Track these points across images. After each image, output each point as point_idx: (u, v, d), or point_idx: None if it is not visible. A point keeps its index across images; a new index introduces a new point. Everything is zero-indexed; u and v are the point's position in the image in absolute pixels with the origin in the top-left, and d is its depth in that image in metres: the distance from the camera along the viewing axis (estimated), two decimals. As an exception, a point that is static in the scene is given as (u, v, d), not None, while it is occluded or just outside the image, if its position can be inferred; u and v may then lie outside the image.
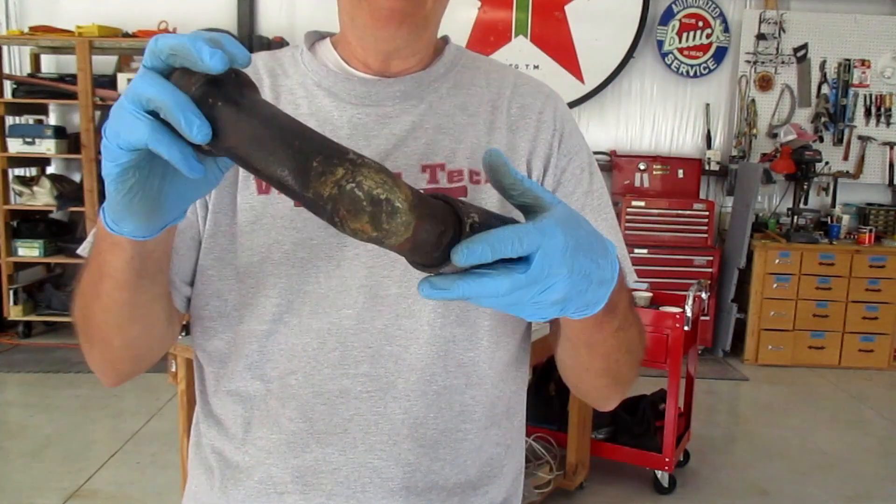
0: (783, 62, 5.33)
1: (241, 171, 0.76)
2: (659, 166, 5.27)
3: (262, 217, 0.75)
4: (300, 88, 0.81)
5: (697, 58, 5.37)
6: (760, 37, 5.30)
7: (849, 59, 5.31)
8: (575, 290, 0.53)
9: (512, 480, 0.86)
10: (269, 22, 5.31)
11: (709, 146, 5.46)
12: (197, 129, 0.48)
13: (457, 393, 0.76)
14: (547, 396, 3.19)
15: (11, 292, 4.87)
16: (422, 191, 0.51)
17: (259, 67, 0.83)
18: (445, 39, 0.89)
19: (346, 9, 0.77)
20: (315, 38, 0.86)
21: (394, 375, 0.75)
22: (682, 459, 3.36)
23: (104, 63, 5.02)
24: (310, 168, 0.47)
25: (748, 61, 5.34)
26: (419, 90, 0.82)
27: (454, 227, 0.50)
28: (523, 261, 0.50)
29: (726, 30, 5.34)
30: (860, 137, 5.38)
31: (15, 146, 4.80)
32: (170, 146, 0.49)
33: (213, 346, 0.81)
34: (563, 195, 0.81)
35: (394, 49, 0.79)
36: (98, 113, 4.84)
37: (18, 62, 5.29)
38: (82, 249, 0.76)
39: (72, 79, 4.73)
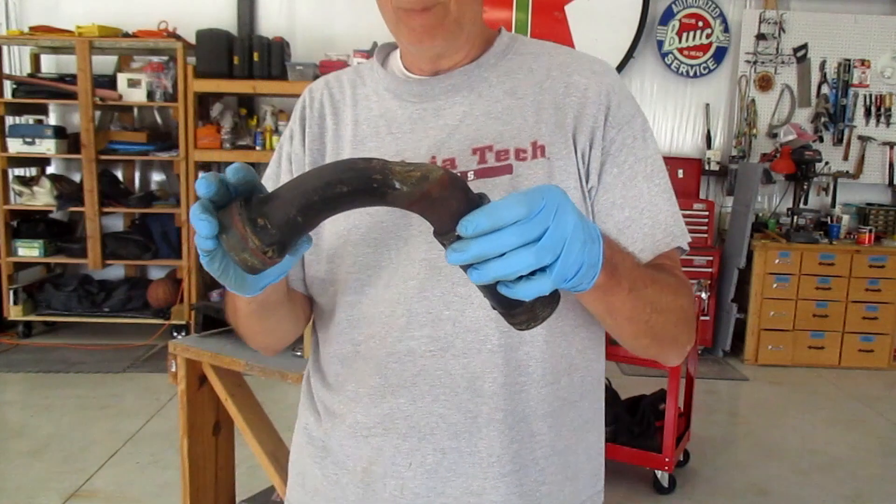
0: (783, 62, 5.33)
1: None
2: (659, 166, 5.27)
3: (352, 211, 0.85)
4: (373, 94, 0.95)
5: (697, 58, 5.37)
6: (760, 37, 5.30)
7: (849, 59, 5.32)
8: (575, 239, 0.61)
9: (573, 431, 0.93)
10: (269, 22, 5.31)
11: (709, 146, 5.46)
12: (202, 242, 0.63)
13: (510, 350, 0.84)
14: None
15: (11, 292, 4.87)
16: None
17: (343, 81, 0.98)
18: (499, 31, 0.97)
19: (391, 29, 0.89)
20: (388, 49, 0.99)
21: (452, 336, 0.85)
22: (682, 459, 3.37)
23: (104, 63, 5.02)
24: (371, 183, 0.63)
25: (748, 61, 5.34)
26: (468, 81, 0.91)
27: (468, 203, 0.62)
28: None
29: (726, 30, 5.34)
30: (860, 137, 5.38)
31: (15, 146, 4.80)
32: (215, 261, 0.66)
33: (319, 317, 0.96)
34: (613, 164, 0.88)
35: (436, 55, 0.90)
36: (98, 113, 4.84)
37: (18, 62, 5.30)
38: None
39: (72, 79, 4.73)
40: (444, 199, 0.61)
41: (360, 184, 0.62)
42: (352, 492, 0.90)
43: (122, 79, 4.81)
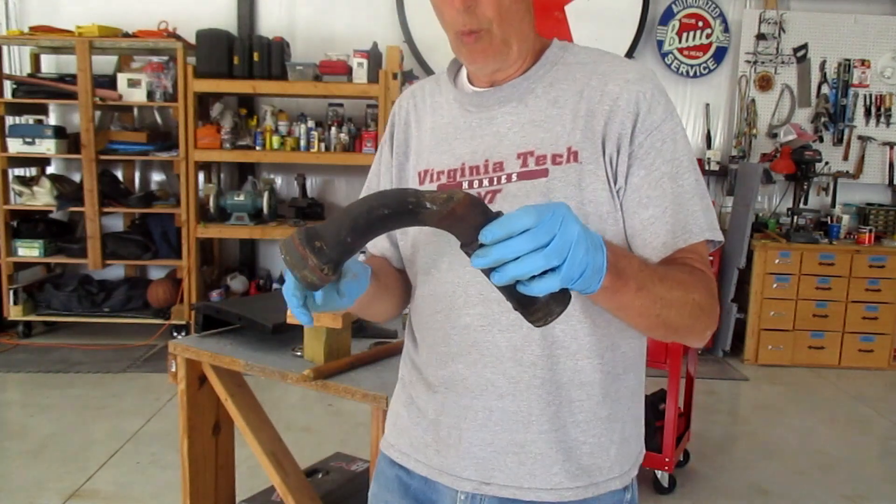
0: (783, 62, 5.33)
1: (405, 180, 1.14)
2: (659, 166, 5.27)
3: None
4: (445, 103, 1.12)
5: (697, 58, 5.37)
6: (760, 37, 5.30)
7: (849, 59, 5.32)
8: (579, 246, 0.75)
9: (617, 400, 1.06)
10: (269, 22, 5.31)
11: (709, 146, 5.46)
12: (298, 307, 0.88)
13: (548, 327, 0.90)
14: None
15: (11, 292, 4.87)
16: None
17: (426, 91, 1.17)
18: (549, 44, 1.09)
19: (454, 50, 1.06)
20: (458, 64, 1.15)
21: (498, 314, 1.00)
22: (682, 459, 3.37)
23: (104, 63, 5.02)
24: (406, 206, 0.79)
25: (748, 61, 5.34)
26: (517, 93, 1.04)
27: (486, 218, 0.75)
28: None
29: (726, 30, 5.34)
30: (860, 137, 5.38)
31: (15, 146, 4.80)
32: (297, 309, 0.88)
33: (414, 294, 1.14)
34: (640, 166, 0.98)
35: (491, 71, 1.05)
36: (98, 113, 4.84)
37: (18, 62, 5.30)
38: None
39: (72, 79, 4.73)
40: (466, 215, 0.75)
41: (398, 206, 0.77)
42: (427, 435, 1.10)
43: (122, 79, 4.81)
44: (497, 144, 1.03)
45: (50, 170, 5.28)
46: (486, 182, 1.03)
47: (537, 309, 0.76)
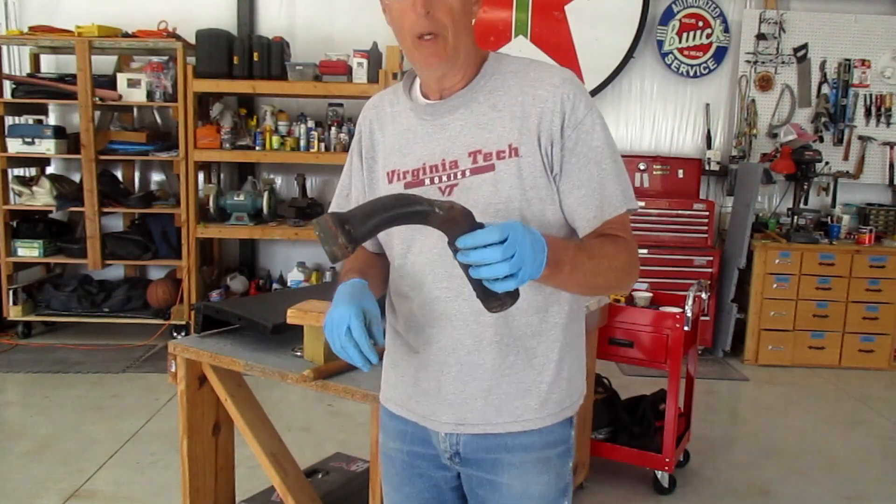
0: (783, 62, 5.33)
1: (375, 179, 1.34)
2: (659, 166, 5.27)
3: None
4: (403, 112, 1.31)
5: (697, 58, 5.37)
6: (760, 37, 5.30)
7: (849, 59, 5.31)
8: (537, 253, 1.00)
9: (565, 345, 1.29)
10: (269, 22, 5.31)
11: (709, 146, 5.46)
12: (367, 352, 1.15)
13: None
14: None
15: (11, 292, 4.87)
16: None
17: (385, 101, 1.35)
18: (486, 56, 1.26)
19: (408, 57, 1.23)
20: (412, 77, 1.33)
21: (461, 287, 1.18)
22: (682, 459, 3.36)
23: (104, 63, 5.02)
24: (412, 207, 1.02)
25: (748, 61, 5.34)
26: (464, 102, 1.24)
27: (471, 226, 0.99)
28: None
29: (726, 30, 5.34)
30: (860, 137, 5.38)
31: (14, 146, 4.80)
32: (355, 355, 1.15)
33: (392, 271, 1.35)
34: (571, 155, 1.19)
35: (440, 76, 1.23)
36: (98, 113, 4.84)
37: (18, 62, 5.29)
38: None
39: (71, 79, 4.73)
40: (460, 222, 0.98)
41: (413, 208, 1.00)
42: (410, 388, 1.33)
43: (121, 79, 4.81)
44: (451, 146, 1.23)
45: (50, 170, 5.28)
46: (444, 178, 1.23)
47: (496, 300, 1.01)
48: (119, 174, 5.26)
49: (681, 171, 5.27)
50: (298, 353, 1.90)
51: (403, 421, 1.36)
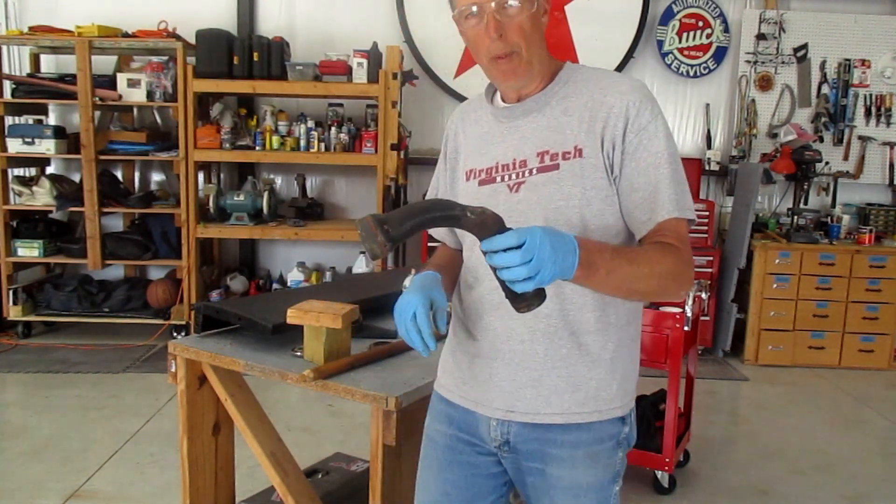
0: (783, 62, 5.33)
1: (456, 179, 1.45)
2: (659, 166, 5.26)
3: (465, 194, 1.39)
4: (484, 116, 1.42)
5: (697, 58, 5.37)
6: (760, 37, 5.30)
7: (849, 59, 5.32)
8: (558, 254, 1.03)
9: (619, 346, 1.34)
10: (268, 22, 5.31)
11: (709, 146, 5.46)
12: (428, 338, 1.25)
13: (559, 287, 1.27)
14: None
15: (11, 292, 4.87)
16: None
17: (471, 107, 1.47)
18: (562, 65, 1.36)
19: (486, 73, 1.33)
20: (493, 88, 1.42)
21: None
22: (682, 459, 3.36)
23: (104, 63, 5.02)
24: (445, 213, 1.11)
25: (748, 61, 5.34)
26: (538, 105, 1.33)
27: (499, 230, 1.07)
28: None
29: (726, 30, 5.34)
30: (860, 137, 5.38)
31: (14, 146, 4.80)
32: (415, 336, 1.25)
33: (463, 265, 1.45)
34: (631, 159, 1.25)
35: (518, 87, 1.34)
36: (98, 113, 4.84)
37: (18, 62, 5.29)
38: None
39: (71, 79, 4.73)
40: (489, 226, 1.06)
41: (447, 212, 1.09)
42: (466, 374, 1.41)
43: (121, 79, 4.81)
44: (522, 146, 1.32)
45: (49, 170, 5.28)
46: (513, 176, 1.31)
47: (522, 300, 1.07)
48: (119, 174, 5.26)
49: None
50: (298, 353, 1.90)
51: (453, 406, 1.43)
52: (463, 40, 1.33)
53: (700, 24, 5.33)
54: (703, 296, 3.24)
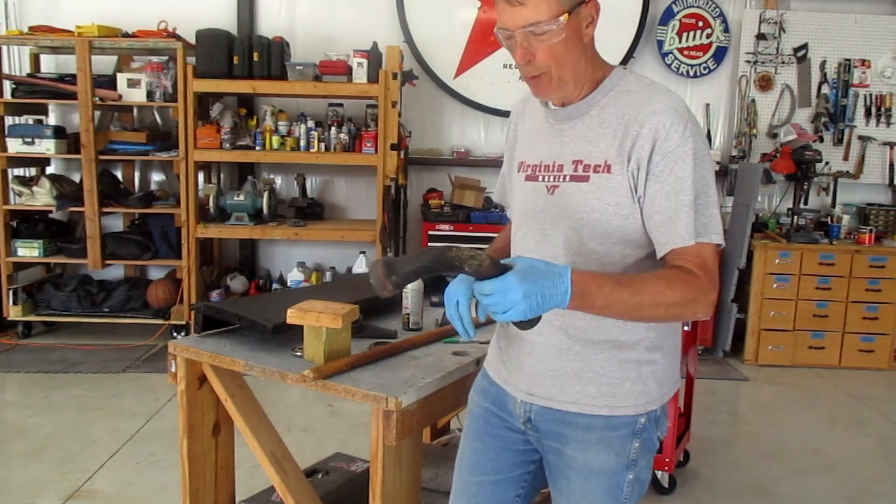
0: (783, 62, 5.33)
1: (512, 165, 1.55)
2: (659, 166, 5.26)
3: (516, 184, 1.51)
4: (538, 112, 1.47)
5: (697, 58, 5.37)
6: (760, 37, 5.30)
7: (849, 59, 5.32)
8: (532, 298, 1.14)
9: (622, 345, 1.39)
10: (269, 22, 5.31)
11: (709, 146, 5.45)
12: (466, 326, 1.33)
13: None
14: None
15: (11, 292, 4.87)
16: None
17: (530, 98, 1.49)
18: (612, 71, 1.39)
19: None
20: None
21: None
22: (682, 459, 3.36)
23: (104, 63, 5.02)
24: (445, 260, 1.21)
25: (748, 61, 5.34)
26: (578, 113, 1.37)
27: (497, 272, 1.18)
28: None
29: (726, 30, 5.34)
30: (860, 137, 5.38)
31: (14, 146, 4.80)
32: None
33: None
34: (656, 181, 1.28)
35: (556, 99, 1.40)
36: (98, 113, 4.84)
37: (18, 62, 5.29)
38: None
39: (71, 79, 4.73)
40: (484, 272, 1.17)
41: (448, 262, 1.19)
42: (502, 356, 1.54)
43: (121, 79, 4.80)
44: (562, 150, 1.38)
45: (49, 170, 5.28)
46: (551, 178, 1.38)
47: (517, 323, 1.22)
48: (119, 174, 5.26)
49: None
50: (298, 353, 1.90)
51: (491, 381, 1.57)
52: None
53: (700, 24, 5.33)
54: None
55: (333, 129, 4.90)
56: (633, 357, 1.39)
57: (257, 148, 4.85)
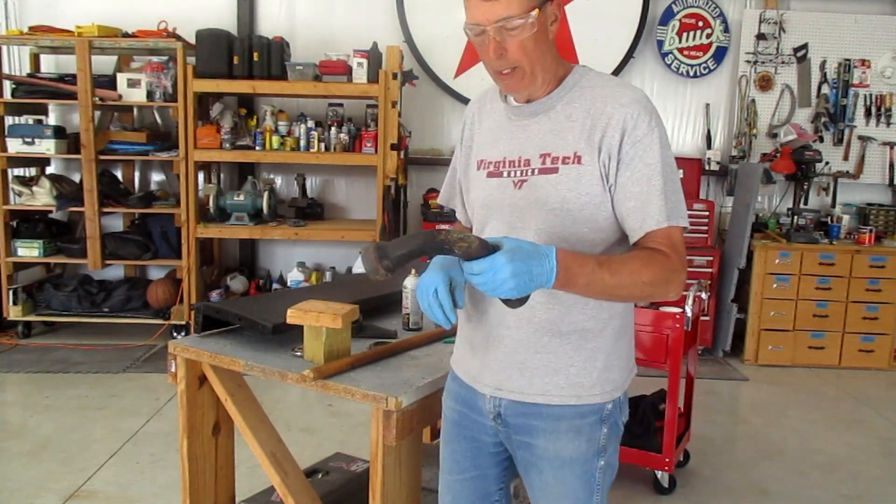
0: (783, 62, 5.33)
1: (470, 165, 1.54)
2: (659, 166, 5.26)
3: (476, 182, 1.50)
4: (497, 110, 1.50)
5: (697, 58, 5.37)
6: (760, 37, 5.30)
7: (849, 59, 5.32)
8: (520, 276, 1.16)
9: (589, 334, 1.43)
10: (269, 22, 5.31)
11: (709, 146, 5.46)
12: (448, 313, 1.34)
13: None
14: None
15: (11, 292, 4.87)
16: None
17: (486, 98, 1.55)
18: (573, 68, 1.43)
19: (494, 81, 1.42)
20: None
21: None
22: (682, 459, 3.36)
23: (104, 63, 5.02)
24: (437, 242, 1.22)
25: (748, 61, 5.34)
26: (543, 108, 1.41)
27: (486, 252, 1.20)
28: None
29: (726, 30, 5.34)
30: (860, 137, 5.38)
31: (14, 146, 4.80)
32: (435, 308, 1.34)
33: None
34: (626, 169, 1.33)
35: (522, 95, 1.42)
36: (98, 113, 4.84)
37: (18, 62, 5.29)
38: None
39: (71, 79, 4.73)
40: (472, 253, 1.19)
41: (438, 247, 1.21)
42: (467, 354, 1.55)
43: (121, 79, 4.80)
44: (527, 146, 1.41)
45: (49, 170, 5.28)
46: (517, 173, 1.41)
47: (507, 302, 1.25)
48: (119, 174, 5.26)
49: (681, 171, 5.21)
50: (298, 353, 1.90)
51: (459, 383, 1.57)
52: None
53: (700, 24, 5.33)
54: (703, 296, 3.24)
55: (333, 129, 4.90)
56: (600, 346, 1.43)
57: (257, 148, 4.85)
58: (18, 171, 5.06)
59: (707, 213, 5.03)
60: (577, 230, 1.36)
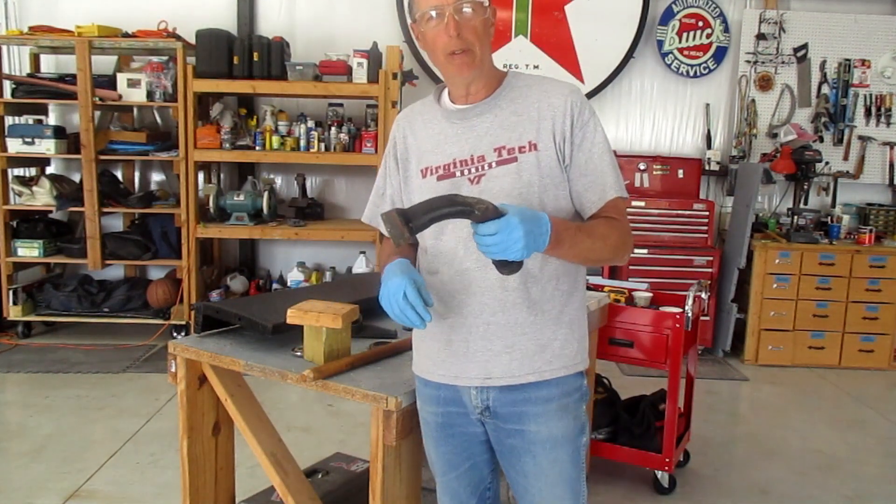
0: (783, 62, 5.33)
1: (410, 177, 1.60)
2: (659, 166, 5.27)
3: (423, 190, 1.54)
4: (433, 118, 1.58)
5: (697, 58, 5.37)
6: (760, 37, 5.30)
7: (849, 59, 5.32)
8: (530, 235, 1.25)
9: (574, 310, 1.56)
10: (269, 22, 5.31)
11: (709, 146, 5.46)
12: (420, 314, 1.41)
13: (523, 265, 1.38)
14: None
15: (11, 292, 4.87)
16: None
17: (416, 112, 1.63)
18: (506, 73, 1.56)
19: (441, 69, 1.51)
20: (440, 89, 1.62)
21: (488, 260, 1.35)
22: (682, 459, 3.36)
23: (104, 63, 5.02)
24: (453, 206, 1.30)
25: (748, 61, 5.34)
26: (489, 108, 1.52)
27: (496, 215, 1.27)
28: None
29: (726, 30, 5.34)
30: (860, 137, 5.38)
31: (14, 146, 4.80)
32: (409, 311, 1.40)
33: (421, 253, 1.61)
34: (579, 150, 1.48)
35: (468, 83, 1.51)
36: (98, 113, 4.84)
37: (18, 62, 5.29)
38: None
39: (71, 79, 4.73)
40: (492, 214, 1.26)
41: (459, 207, 1.27)
42: (442, 353, 1.55)
43: (121, 79, 4.80)
44: (478, 143, 1.50)
45: (49, 170, 5.28)
46: (473, 170, 1.49)
47: (503, 268, 1.32)
48: (119, 174, 5.26)
49: (681, 171, 5.27)
50: (298, 353, 1.90)
51: (436, 386, 1.59)
52: (419, 46, 1.52)
53: (700, 24, 5.33)
54: (703, 296, 3.24)
55: (333, 129, 4.90)
56: (574, 317, 1.56)
57: (257, 148, 4.85)
58: (18, 171, 5.06)
59: (707, 213, 5.03)
60: (543, 210, 1.41)
